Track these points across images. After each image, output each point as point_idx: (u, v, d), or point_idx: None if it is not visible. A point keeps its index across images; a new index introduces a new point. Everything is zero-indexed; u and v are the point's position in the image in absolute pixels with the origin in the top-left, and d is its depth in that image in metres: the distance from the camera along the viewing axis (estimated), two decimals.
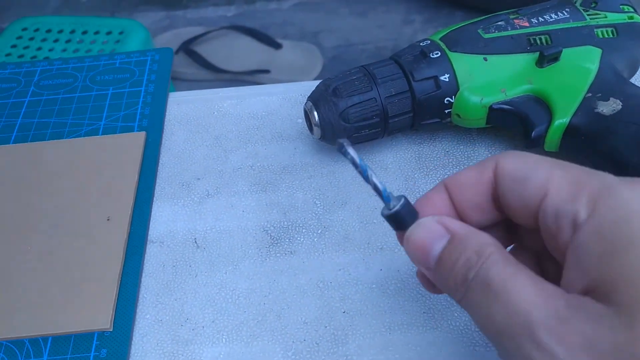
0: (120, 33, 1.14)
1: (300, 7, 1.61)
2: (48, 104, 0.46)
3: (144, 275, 0.36)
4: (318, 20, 1.57)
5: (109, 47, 1.13)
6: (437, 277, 0.24)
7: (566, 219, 0.21)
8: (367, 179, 0.24)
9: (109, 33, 1.15)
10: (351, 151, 0.24)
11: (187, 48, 1.43)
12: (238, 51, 1.46)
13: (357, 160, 0.24)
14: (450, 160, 0.41)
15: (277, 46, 1.45)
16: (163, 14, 1.63)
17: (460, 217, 0.25)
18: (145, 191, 0.40)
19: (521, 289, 0.20)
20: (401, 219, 0.25)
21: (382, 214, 0.25)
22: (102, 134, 0.43)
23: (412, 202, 0.25)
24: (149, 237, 0.38)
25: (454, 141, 0.42)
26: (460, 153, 0.41)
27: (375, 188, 0.24)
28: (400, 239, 0.26)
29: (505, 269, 0.21)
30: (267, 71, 1.40)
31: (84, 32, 1.16)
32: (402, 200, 0.24)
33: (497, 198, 0.24)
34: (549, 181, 0.22)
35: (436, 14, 1.53)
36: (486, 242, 0.22)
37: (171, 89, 1.23)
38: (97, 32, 1.15)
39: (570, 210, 0.21)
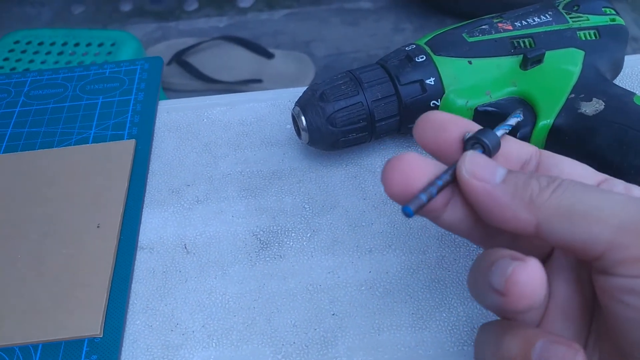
0: (112, 45, 1.15)
1: (291, 17, 1.62)
2: (38, 114, 0.46)
3: (134, 281, 0.36)
4: (310, 29, 1.58)
5: (101, 58, 1.13)
6: (503, 189, 0.22)
7: None
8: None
9: (100, 45, 1.16)
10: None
11: (180, 59, 1.44)
12: (230, 61, 1.47)
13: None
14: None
15: (269, 56, 1.46)
16: (155, 25, 1.64)
17: None
18: (135, 198, 0.40)
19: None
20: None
21: None
22: (92, 143, 0.44)
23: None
24: (139, 244, 0.38)
25: None
26: None
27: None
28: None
29: None
30: (259, 81, 1.41)
31: (76, 44, 1.16)
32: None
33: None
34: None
35: (426, 22, 1.55)
36: None
37: (163, 98, 1.24)
38: (89, 44, 1.16)
39: None
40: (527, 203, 0.21)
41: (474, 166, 0.22)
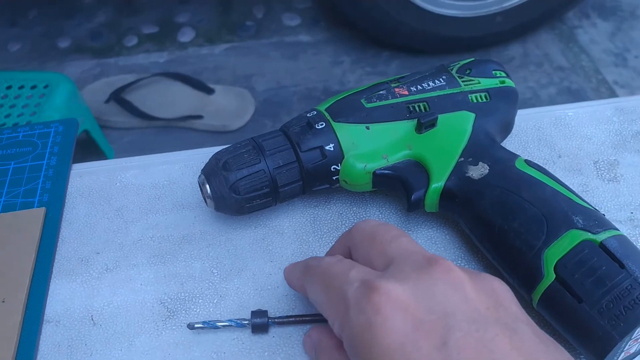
0: (45, 87, 1.14)
1: (232, 52, 1.64)
2: None
3: (38, 357, 0.36)
4: (250, 64, 1.59)
5: (34, 101, 1.12)
6: None
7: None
8: None
9: (33, 87, 1.14)
10: None
11: (118, 96, 1.43)
12: (170, 97, 1.47)
13: None
14: (343, 223, 0.43)
15: (209, 91, 1.47)
16: (94, 62, 1.63)
17: None
18: (43, 269, 0.40)
19: None
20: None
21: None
22: (1, 211, 0.43)
23: None
24: (45, 317, 0.38)
25: (348, 203, 0.44)
26: (353, 215, 0.43)
27: None
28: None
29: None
30: (200, 117, 1.41)
31: (8, 87, 1.14)
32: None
33: None
34: None
35: (363, 55, 1.58)
36: None
37: (102, 140, 1.21)
38: (21, 87, 1.14)
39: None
40: None
41: None
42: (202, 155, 0.48)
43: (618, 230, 0.34)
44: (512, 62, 1.57)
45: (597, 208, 0.38)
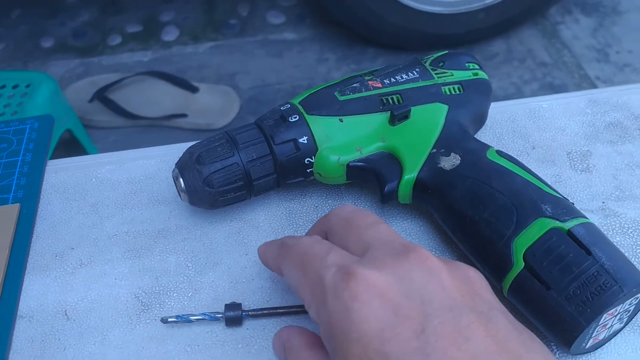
0: (27, 86, 1.13)
1: (216, 50, 1.63)
2: None
3: (11, 352, 0.36)
4: (234, 62, 1.59)
5: (16, 100, 1.11)
6: None
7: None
8: None
9: (15, 86, 1.13)
10: None
11: (102, 96, 1.42)
12: (154, 96, 1.46)
13: None
14: (319, 215, 0.43)
15: (194, 90, 1.47)
16: (78, 61, 1.62)
17: None
18: (16, 265, 0.40)
19: None
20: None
21: None
22: None
23: None
24: (18, 313, 0.38)
25: (323, 196, 0.44)
26: (329, 208, 0.43)
27: None
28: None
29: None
30: (184, 115, 1.41)
31: None
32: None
33: None
34: None
35: (349, 52, 1.58)
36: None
37: (86, 139, 1.20)
38: (3, 86, 1.14)
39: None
40: None
41: None
42: (178, 150, 0.47)
43: (587, 218, 0.34)
44: (496, 58, 1.58)
45: (569, 198, 0.38)
